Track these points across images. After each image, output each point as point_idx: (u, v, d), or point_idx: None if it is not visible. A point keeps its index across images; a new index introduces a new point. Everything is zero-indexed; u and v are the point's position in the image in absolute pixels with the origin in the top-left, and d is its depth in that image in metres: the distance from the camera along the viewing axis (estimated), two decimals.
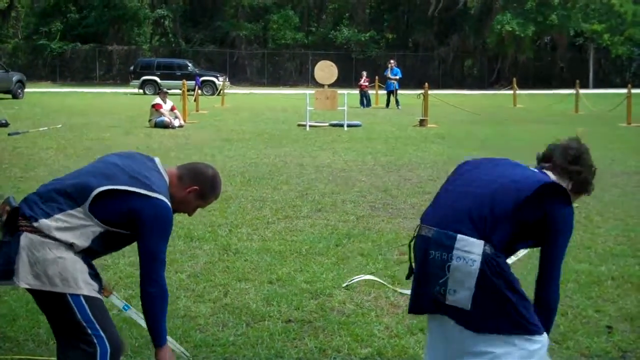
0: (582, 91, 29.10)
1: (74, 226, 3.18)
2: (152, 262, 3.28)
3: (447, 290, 3.01)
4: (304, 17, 64.03)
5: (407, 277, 3.37)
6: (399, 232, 7.56)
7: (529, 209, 3.05)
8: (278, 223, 7.99)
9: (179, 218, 8.28)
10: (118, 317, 4.92)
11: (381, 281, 4.19)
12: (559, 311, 5.12)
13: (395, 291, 4.56)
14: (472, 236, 2.99)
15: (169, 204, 3.31)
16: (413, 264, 3.28)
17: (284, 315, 5.09)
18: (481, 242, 2.98)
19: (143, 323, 3.56)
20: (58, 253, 3.13)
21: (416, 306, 3.25)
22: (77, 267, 3.18)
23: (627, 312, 5.20)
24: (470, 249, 2.97)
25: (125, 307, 3.96)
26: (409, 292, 3.94)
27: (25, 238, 3.12)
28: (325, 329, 4.86)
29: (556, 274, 3.15)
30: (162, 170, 3.43)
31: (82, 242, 3.20)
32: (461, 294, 2.99)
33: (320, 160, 13.27)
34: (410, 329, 4.83)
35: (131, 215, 3.24)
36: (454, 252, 2.99)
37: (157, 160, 3.51)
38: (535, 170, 3.29)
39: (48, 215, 3.15)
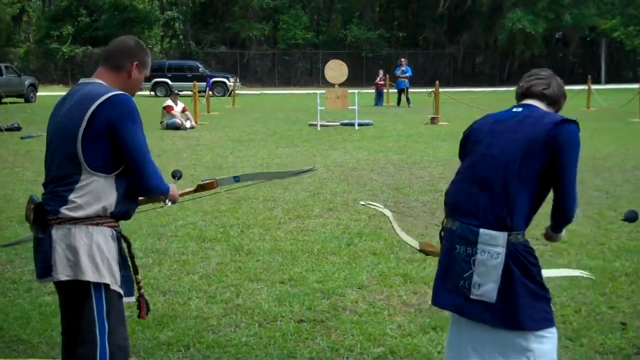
0: (593, 87, 28.93)
1: (91, 193, 3.15)
2: (144, 159, 3.19)
3: (472, 284, 3.06)
4: (313, 17, 64.06)
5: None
6: (411, 230, 7.53)
7: (542, 151, 3.04)
8: (289, 223, 7.99)
9: (190, 219, 8.33)
10: (132, 320, 4.94)
11: (395, 227, 4.15)
12: (573, 308, 5.12)
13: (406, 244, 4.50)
14: (494, 227, 3.03)
15: (124, 92, 3.23)
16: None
17: (296, 315, 5.09)
18: (504, 234, 3.02)
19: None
20: (88, 239, 3.13)
21: (438, 300, 3.27)
22: (106, 254, 3.17)
23: None
24: (495, 242, 3.02)
25: (235, 178, 4.10)
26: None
27: (56, 231, 3.14)
28: (337, 328, 4.85)
29: (575, 189, 3.12)
30: (94, 80, 3.32)
31: (110, 199, 3.18)
32: (486, 287, 3.03)
33: (332, 159, 13.27)
34: (422, 327, 4.82)
35: (109, 129, 3.12)
36: (479, 246, 3.04)
37: (81, 80, 3.40)
38: (521, 108, 3.26)
39: (65, 203, 3.14)
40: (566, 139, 3.04)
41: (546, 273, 3.38)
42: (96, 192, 3.16)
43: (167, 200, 3.49)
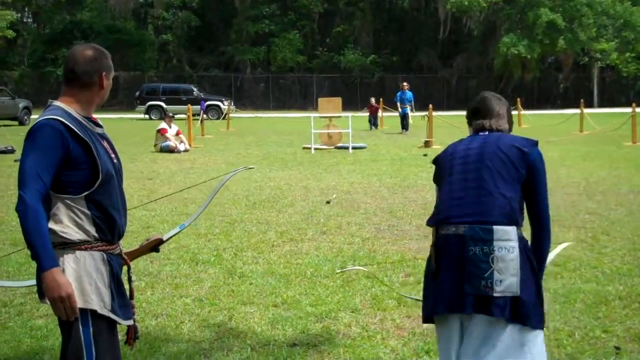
0: (586, 110, 29.07)
1: (65, 218, 3.12)
2: (21, 176, 3.09)
3: (494, 282, 3.11)
4: (307, 41, 64.34)
5: (434, 278, 3.33)
6: (404, 253, 7.53)
7: (520, 166, 3.28)
8: (283, 246, 7.97)
9: (183, 242, 8.28)
10: (122, 344, 4.91)
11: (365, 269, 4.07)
12: (567, 332, 5.10)
13: (388, 286, 4.50)
14: (505, 223, 3.15)
15: (50, 119, 3.18)
16: (434, 264, 3.30)
17: (289, 339, 5.06)
18: (514, 228, 3.15)
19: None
20: (76, 264, 3.10)
21: (445, 306, 3.21)
22: (94, 278, 3.13)
23: (635, 332, 5.15)
24: (508, 237, 3.13)
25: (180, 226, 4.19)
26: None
27: None
28: (330, 352, 4.82)
29: (547, 205, 3.37)
30: (52, 106, 3.28)
31: (85, 221, 3.14)
32: (508, 282, 3.10)
33: (326, 182, 13.27)
34: (416, 351, 4.80)
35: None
36: (495, 243, 3.12)
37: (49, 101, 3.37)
38: (487, 132, 3.52)
39: (50, 230, 3.11)
40: (539, 161, 3.32)
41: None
42: (69, 216, 3.13)
43: None
